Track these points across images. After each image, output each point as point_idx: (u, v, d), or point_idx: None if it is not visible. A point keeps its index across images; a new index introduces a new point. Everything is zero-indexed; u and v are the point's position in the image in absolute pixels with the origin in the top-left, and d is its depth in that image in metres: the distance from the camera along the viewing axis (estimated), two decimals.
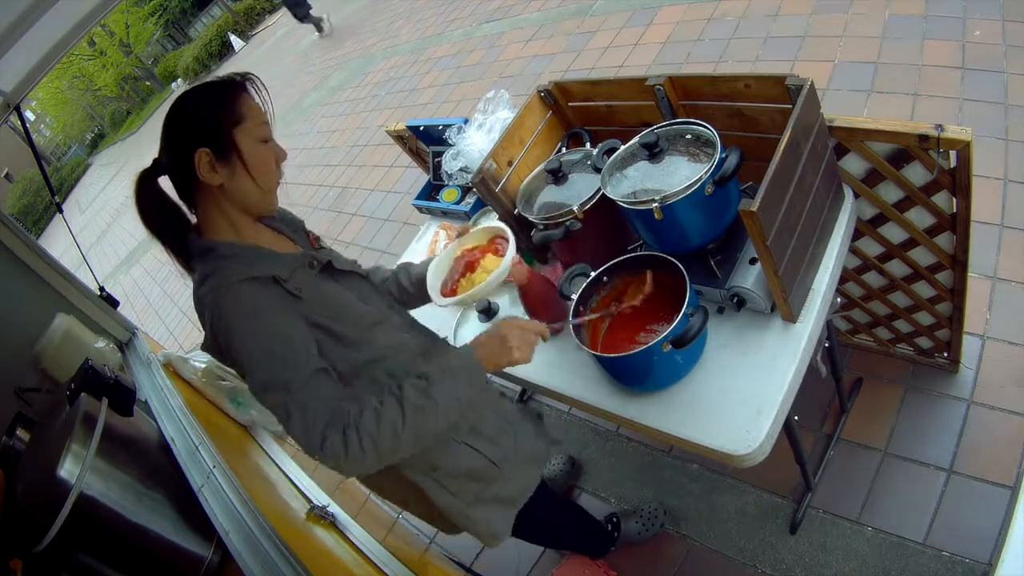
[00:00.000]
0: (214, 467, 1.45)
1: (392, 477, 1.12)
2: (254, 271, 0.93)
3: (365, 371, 1.04)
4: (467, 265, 1.20)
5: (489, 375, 1.06)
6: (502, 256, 1.16)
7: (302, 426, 0.89)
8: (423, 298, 1.25)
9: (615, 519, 1.80)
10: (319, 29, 9.88)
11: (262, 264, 0.96)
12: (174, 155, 0.96)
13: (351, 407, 0.92)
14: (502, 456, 1.19)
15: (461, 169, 1.77)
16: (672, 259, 1.15)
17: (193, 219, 1.01)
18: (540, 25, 4.98)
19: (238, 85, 0.97)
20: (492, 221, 1.38)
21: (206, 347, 0.98)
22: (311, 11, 9.80)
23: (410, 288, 1.29)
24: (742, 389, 1.11)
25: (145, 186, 0.98)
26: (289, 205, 1.15)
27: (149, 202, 0.98)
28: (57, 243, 9.98)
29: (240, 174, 0.95)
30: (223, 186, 0.95)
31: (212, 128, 0.93)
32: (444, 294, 1.18)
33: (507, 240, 1.17)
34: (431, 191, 1.98)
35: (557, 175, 1.34)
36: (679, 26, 3.75)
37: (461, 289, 1.16)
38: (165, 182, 1.00)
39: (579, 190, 1.30)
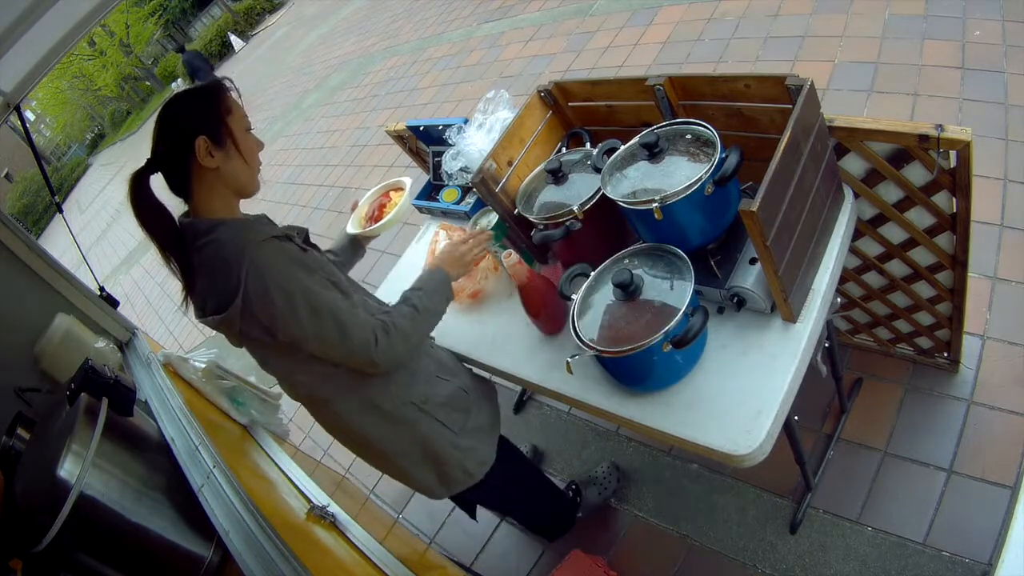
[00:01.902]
0: (214, 467, 1.45)
1: (388, 422, 1.27)
2: (272, 231, 1.10)
3: None
4: (379, 208, 1.58)
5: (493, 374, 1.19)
6: (403, 190, 1.56)
7: (360, 337, 1.10)
8: (350, 262, 1.55)
9: (575, 486, 1.92)
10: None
11: (271, 227, 1.13)
12: (172, 147, 1.07)
13: (383, 317, 1.16)
14: (468, 385, 1.42)
15: (461, 169, 1.77)
16: None
17: (175, 215, 1.13)
18: (540, 25, 4.98)
19: (220, 85, 1.12)
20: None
21: (226, 311, 1.05)
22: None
23: (335, 257, 1.50)
24: (742, 389, 1.11)
25: (140, 184, 1.08)
26: (290, 205, 1.19)
27: (144, 199, 1.08)
28: (57, 243, 9.99)
29: (233, 156, 1.09)
30: (219, 169, 1.08)
31: (209, 118, 1.07)
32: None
33: (404, 187, 1.57)
34: (431, 191, 1.98)
35: (557, 175, 1.34)
36: (679, 26, 3.75)
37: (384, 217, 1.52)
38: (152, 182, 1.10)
39: (579, 190, 1.30)
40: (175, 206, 1.13)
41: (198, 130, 1.05)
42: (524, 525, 1.97)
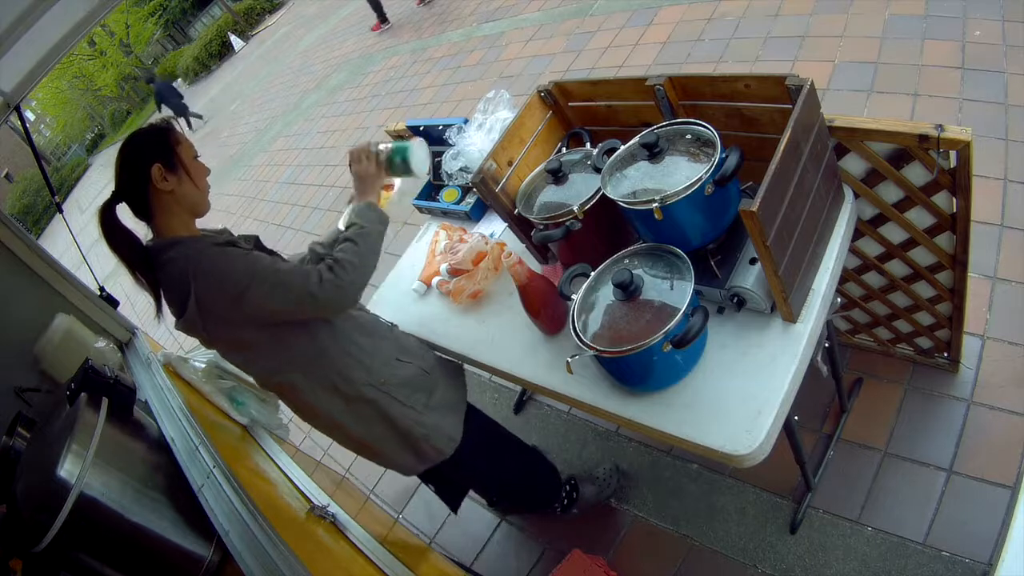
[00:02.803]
0: (214, 467, 1.45)
1: (352, 404, 1.35)
2: (218, 239, 1.24)
3: None
4: None
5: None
6: (391, 189, 1.56)
7: (301, 284, 1.19)
8: None
9: (572, 481, 1.92)
10: (189, 125, 11.57)
11: (218, 237, 1.26)
12: (132, 177, 1.20)
13: (326, 261, 1.24)
14: (430, 366, 1.49)
15: (461, 169, 1.77)
16: None
17: (143, 240, 1.26)
18: (540, 25, 4.98)
19: (169, 124, 1.29)
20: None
21: (185, 314, 1.18)
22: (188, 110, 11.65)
23: (323, 250, 1.53)
24: (742, 389, 1.11)
25: (108, 214, 1.21)
26: (290, 205, 1.22)
27: (112, 227, 1.21)
28: (57, 243, 9.98)
29: (184, 180, 1.23)
30: (174, 192, 1.22)
31: (161, 148, 1.22)
32: None
33: (392, 186, 1.56)
34: (431, 191, 1.98)
35: (557, 175, 1.34)
36: (679, 26, 3.75)
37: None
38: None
39: (579, 190, 1.30)
40: (145, 234, 1.26)
41: (153, 159, 1.19)
42: (508, 501, 1.99)
